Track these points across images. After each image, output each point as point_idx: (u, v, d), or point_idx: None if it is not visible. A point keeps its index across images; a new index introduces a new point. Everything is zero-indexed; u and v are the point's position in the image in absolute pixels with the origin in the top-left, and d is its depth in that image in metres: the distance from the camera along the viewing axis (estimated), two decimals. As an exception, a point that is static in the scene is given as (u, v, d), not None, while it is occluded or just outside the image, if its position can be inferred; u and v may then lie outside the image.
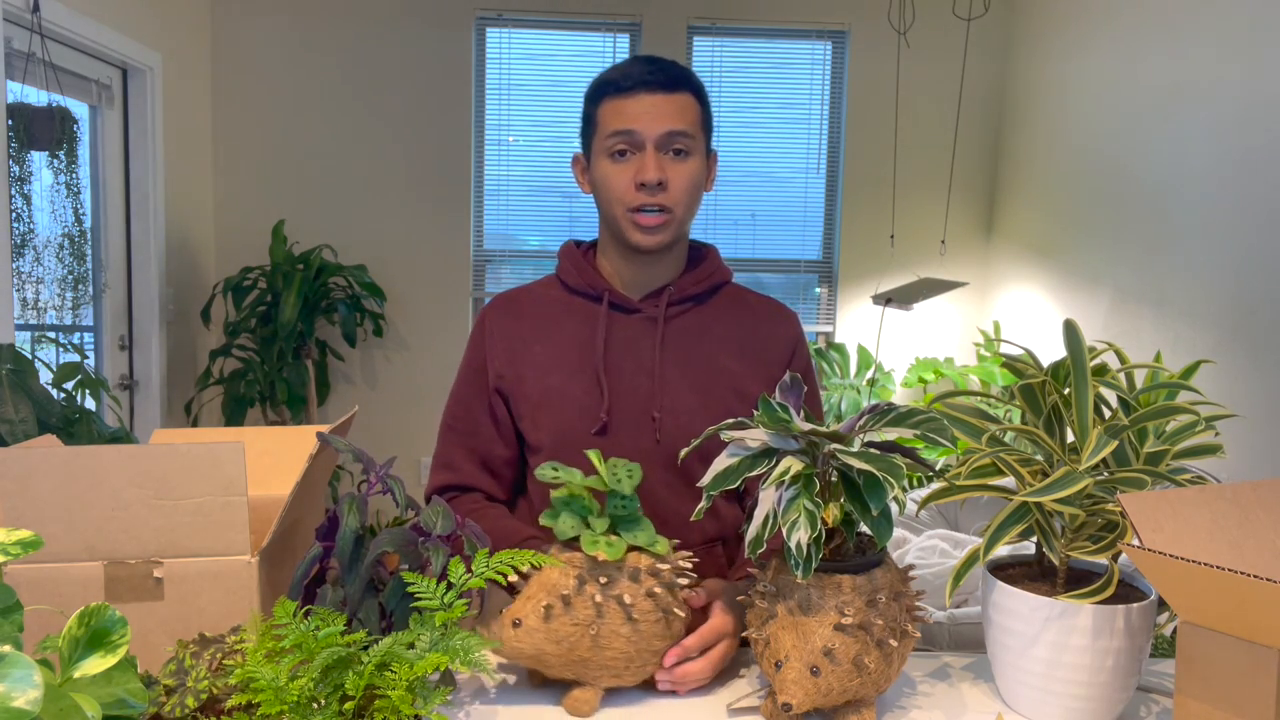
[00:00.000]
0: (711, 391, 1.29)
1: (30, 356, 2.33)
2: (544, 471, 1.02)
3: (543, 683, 1.04)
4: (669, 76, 1.26)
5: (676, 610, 1.03)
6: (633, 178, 1.25)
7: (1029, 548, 1.10)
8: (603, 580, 0.97)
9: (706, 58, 4.26)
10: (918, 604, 1.00)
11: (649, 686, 1.05)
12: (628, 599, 0.98)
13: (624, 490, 1.02)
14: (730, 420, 1.01)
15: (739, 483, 0.96)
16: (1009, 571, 1.07)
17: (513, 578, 1.00)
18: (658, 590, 1.00)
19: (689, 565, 1.04)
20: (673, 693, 1.05)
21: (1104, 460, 1.00)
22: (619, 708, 1.02)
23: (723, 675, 1.10)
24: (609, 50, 4.23)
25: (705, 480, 0.97)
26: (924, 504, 1.07)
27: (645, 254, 1.31)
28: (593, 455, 1.04)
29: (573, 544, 1.00)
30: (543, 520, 1.01)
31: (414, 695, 0.83)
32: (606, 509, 1.02)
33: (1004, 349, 4.22)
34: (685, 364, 1.31)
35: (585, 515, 1.01)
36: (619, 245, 1.32)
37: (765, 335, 1.36)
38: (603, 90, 1.29)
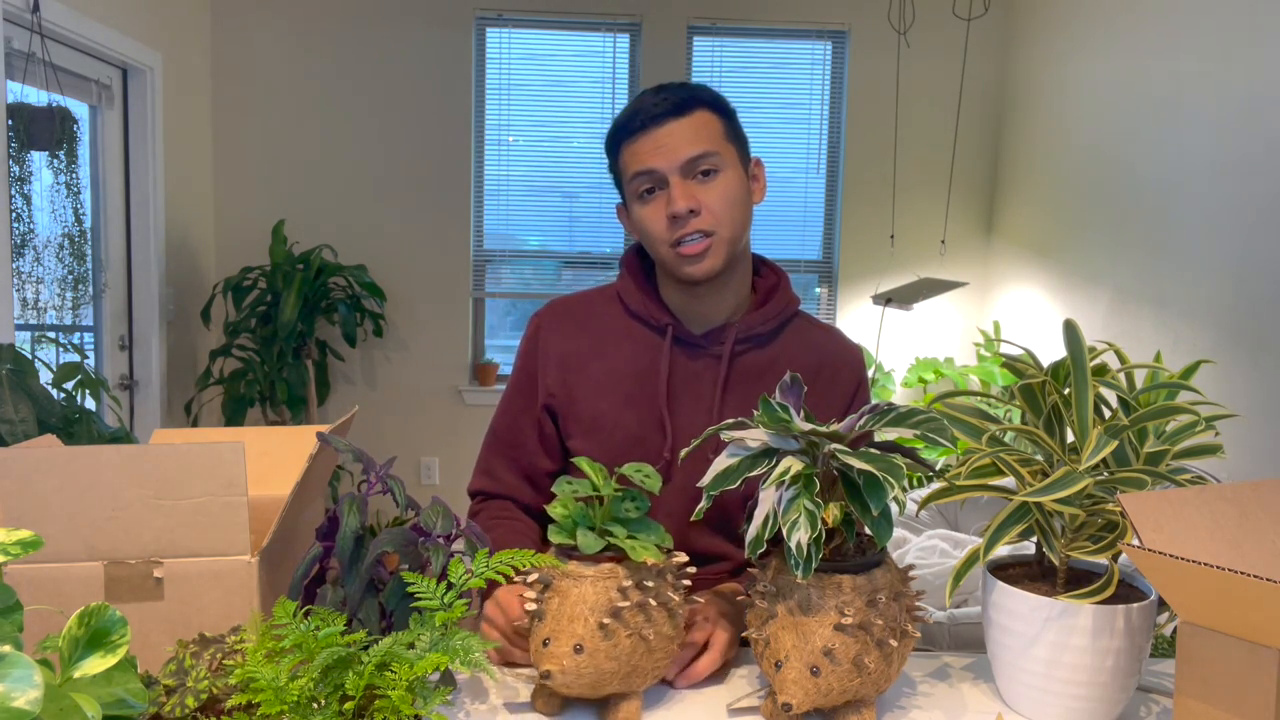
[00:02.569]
0: None
1: (30, 356, 2.33)
2: (562, 488, 1.01)
3: (557, 710, 1.01)
4: (677, 100, 1.23)
5: (695, 597, 1.06)
6: (664, 213, 1.22)
7: (1029, 548, 1.10)
8: (648, 585, 0.96)
9: (706, 58, 4.26)
10: (918, 604, 1.00)
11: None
12: (672, 595, 0.99)
13: (654, 489, 1.01)
14: (730, 420, 1.01)
15: (739, 483, 0.96)
16: (1009, 571, 1.07)
17: (526, 596, 0.99)
18: (685, 583, 1.02)
19: (685, 560, 1.05)
20: (672, 691, 1.05)
21: (1104, 460, 1.00)
22: (619, 708, 1.02)
23: (723, 674, 1.10)
24: (609, 50, 4.23)
25: (705, 480, 0.97)
26: (924, 504, 1.07)
27: (701, 285, 1.26)
28: (583, 463, 1.02)
29: (596, 556, 0.98)
30: (556, 539, 0.99)
31: (414, 695, 0.83)
32: (616, 513, 1.01)
33: (1004, 349, 4.22)
34: (746, 406, 1.27)
35: (594, 526, 1.00)
36: (675, 281, 1.29)
37: (829, 377, 1.32)
38: (618, 137, 1.26)
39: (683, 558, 1.03)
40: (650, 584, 0.97)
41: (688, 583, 1.03)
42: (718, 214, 1.22)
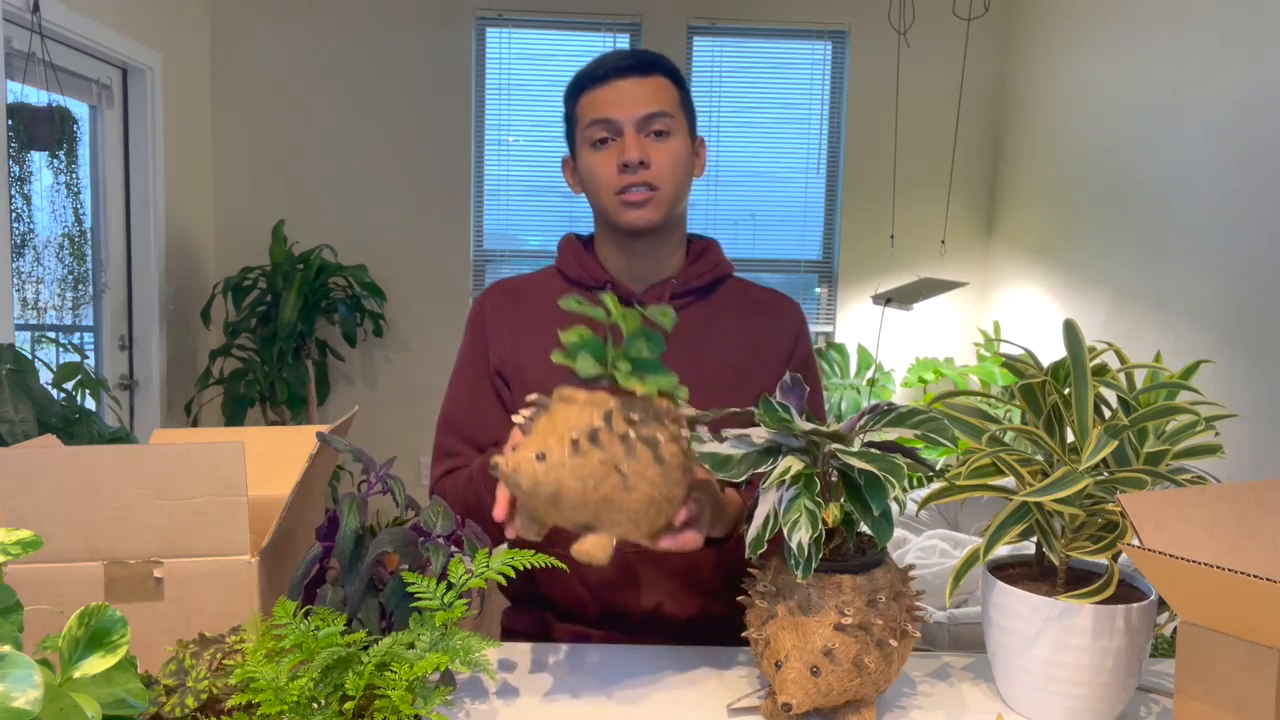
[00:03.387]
0: (715, 387, 1.28)
1: (30, 356, 2.33)
2: (569, 302, 0.98)
3: (534, 536, 0.97)
4: (641, 61, 1.29)
5: (700, 466, 0.99)
6: (615, 161, 1.26)
7: (1029, 548, 1.10)
8: (634, 417, 0.92)
9: (706, 58, 4.26)
10: (918, 604, 1.00)
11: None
12: (660, 438, 0.93)
13: (666, 325, 0.97)
14: (733, 410, 1.01)
15: (743, 479, 0.96)
16: (1009, 571, 1.07)
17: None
18: (684, 434, 0.97)
19: (700, 415, 1.00)
20: (672, 691, 1.05)
21: (1104, 460, 1.00)
22: (617, 705, 1.02)
23: (723, 674, 1.10)
24: (609, 50, 4.22)
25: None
26: (924, 504, 1.07)
27: (640, 239, 1.30)
28: (608, 299, 0.97)
29: (592, 384, 0.96)
30: (556, 359, 0.96)
31: (414, 695, 0.83)
32: (629, 352, 0.96)
33: (1004, 349, 4.22)
34: (688, 359, 1.29)
35: (604, 358, 0.96)
36: (614, 235, 1.32)
37: (767, 328, 1.36)
38: (579, 85, 1.31)
39: (691, 411, 0.99)
40: (636, 416, 0.93)
41: (686, 433, 0.97)
42: (663, 172, 1.26)
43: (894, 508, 0.92)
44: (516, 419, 0.98)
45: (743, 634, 1.02)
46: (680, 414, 0.98)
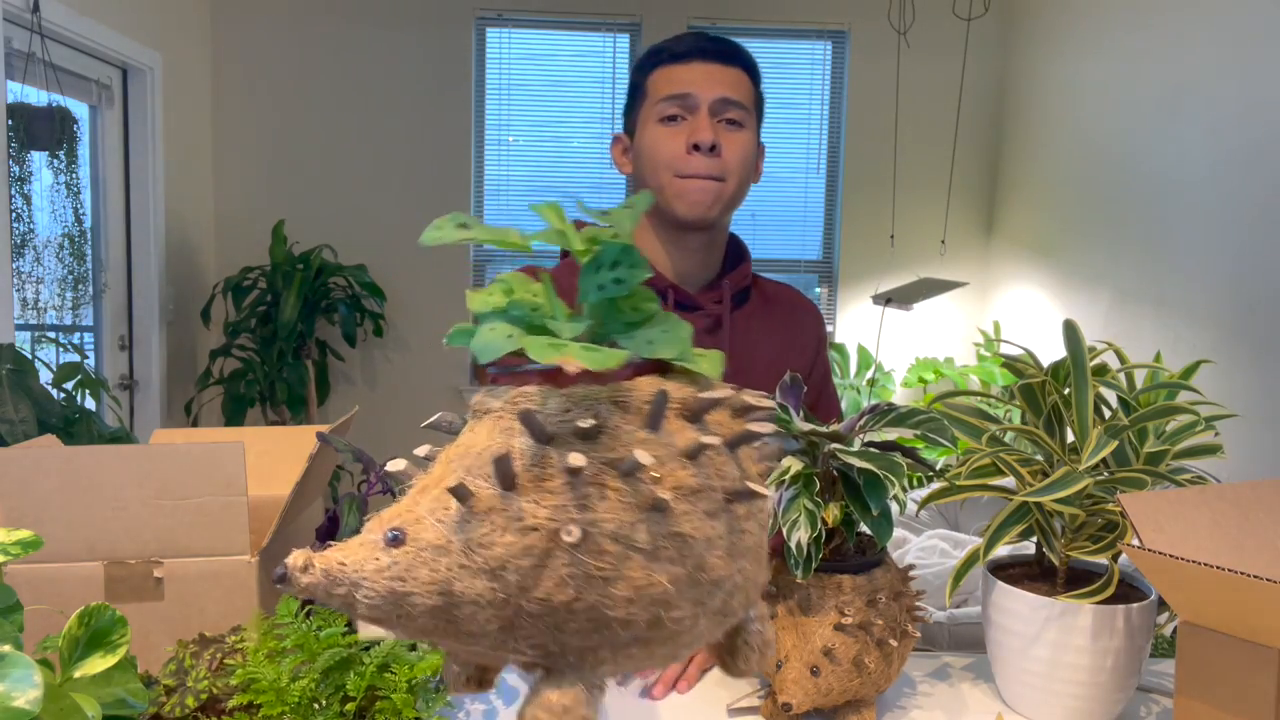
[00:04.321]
0: (758, 389, 1.24)
1: (30, 356, 2.33)
2: (437, 233, 0.54)
3: (470, 689, 0.57)
4: (726, 47, 1.23)
5: (754, 487, 0.52)
6: (685, 141, 1.18)
7: (1029, 548, 1.10)
8: (582, 425, 0.48)
9: (706, 58, 4.26)
10: (918, 604, 1.00)
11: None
12: (645, 460, 0.47)
13: (624, 230, 0.52)
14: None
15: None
16: (1009, 571, 1.07)
17: None
18: (709, 443, 0.51)
19: (765, 403, 0.57)
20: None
21: (1104, 460, 1.00)
22: (617, 706, 1.02)
23: (723, 674, 1.10)
24: (609, 50, 4.22)
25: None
26: (924, 504, 1.07)
27: (690, 233, 1.24)
28: (545, 210, 0.58)
29: (511, 371, 0.54)
30: (450, 342, 0.55)
31: (415, 696, 0.83)
32: (587, 294, 0.54)
33: (1004, 349, 4.22)
34: (745, 369, 1.21)
35: (531, 321, 0.54)
36: (662, 226, 1.25)
37: (795, 328, 1.33)
38: (655, 59, 1.24)
39: (751, 397, 0.57)
40: (589, 424, 0.48)
41: (766, 429, 0.54)
42: (731, 166, 1.20)
43: (894, 508, 0.92)
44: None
45: (743, 634, 1.02)
46: (698, 395, 0.53)
